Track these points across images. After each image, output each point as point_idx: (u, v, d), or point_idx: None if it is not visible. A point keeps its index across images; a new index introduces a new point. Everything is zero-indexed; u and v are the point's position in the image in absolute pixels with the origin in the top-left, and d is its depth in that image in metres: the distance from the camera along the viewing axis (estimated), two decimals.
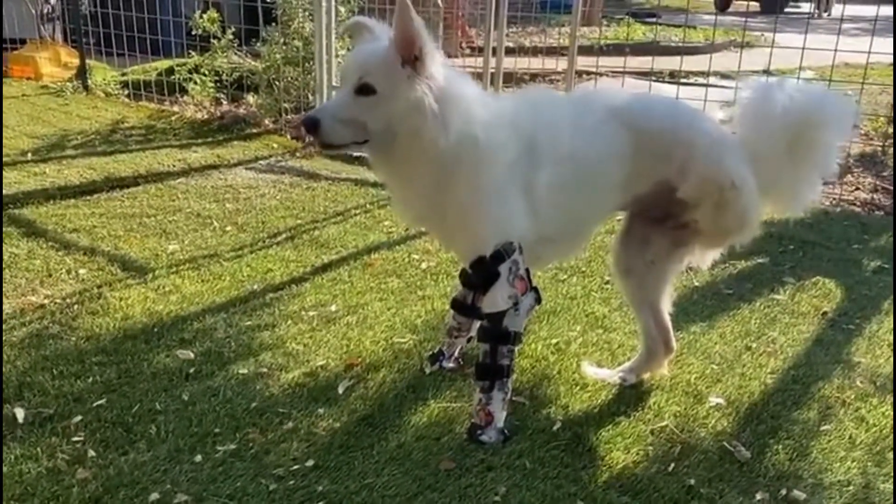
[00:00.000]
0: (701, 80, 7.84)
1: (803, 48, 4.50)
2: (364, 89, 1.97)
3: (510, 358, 2.19)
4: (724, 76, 7.72)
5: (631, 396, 2.42)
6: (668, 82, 7.07)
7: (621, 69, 5.84)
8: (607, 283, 3.28)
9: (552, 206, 2.15)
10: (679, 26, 12.18)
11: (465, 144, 2.03)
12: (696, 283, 3.30)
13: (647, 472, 2.08)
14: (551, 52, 7.57)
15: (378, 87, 1.96)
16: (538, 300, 2.24)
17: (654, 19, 13.60)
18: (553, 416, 2.30)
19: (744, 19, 12.77)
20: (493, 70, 5.21)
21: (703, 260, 2.49)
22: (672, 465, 2.11)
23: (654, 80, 6.39)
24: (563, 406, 2.35)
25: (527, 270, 2.16)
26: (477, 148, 2.05)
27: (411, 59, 1.95)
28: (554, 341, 2.73)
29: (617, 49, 8.88)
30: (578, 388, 2.45)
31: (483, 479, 2.01)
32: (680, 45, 9.95)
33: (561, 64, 6.16)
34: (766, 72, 5.42)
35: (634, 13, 15.38)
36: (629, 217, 2.42)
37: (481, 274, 2.15)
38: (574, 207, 2.21)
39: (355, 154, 4.54)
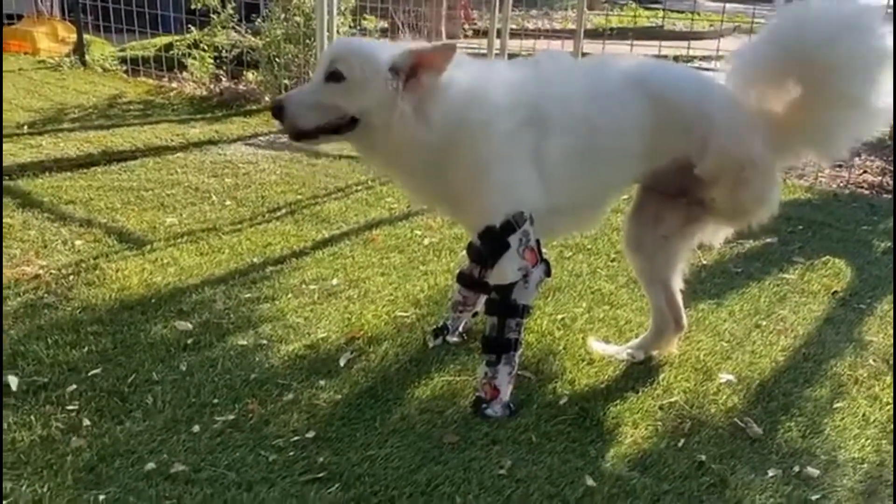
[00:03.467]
0: (705, 65, 7.80)
1: None
2: (333, 76, 1.94)
3: (518, 332, 2.13)
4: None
5: (639, 372, 2.37)
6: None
7: (627, 54, 5.77)
8: (613, 260, 3.23)
9: (565, 176, 2.07)
10: (682, 12, 12.09)
11: (454, 126, 1.96)
12: (705, 262, 3.24)
13: (656, 448, 2.03)
14: (555, 35, 7.49)
15: (347, 74, 1.93)
16: (548, 273, 2.16)
17: (657, 5, 13.50)
18: (559, 390, 2.25)
19: (745, 6, 12.66)
20: (497, 52, 5.12)
21: (715, 237, 2.41)
22: (682, 440, 2.06)
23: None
24: (569, 381, 2.30)
25: (537, 242, 2.09)
26: (468, 126, 1.97)
27: (408, 75, 1.92)
28: (560, 317, 2.67)
29: (621, 33, 8.81)
30: (585, 363, 2.40)
31: (488, 453, 1.96)
32: (684, 30, 9.89)
33: (566, 47, 6.08)
34: None
35: None
36: (641, 191, 2.35)
37: (490, 244, 2.07)
38: (589, 177, 2.14)
39: None
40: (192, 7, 6.16)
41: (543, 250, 2.14)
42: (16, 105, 5.48)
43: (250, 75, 6.16)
